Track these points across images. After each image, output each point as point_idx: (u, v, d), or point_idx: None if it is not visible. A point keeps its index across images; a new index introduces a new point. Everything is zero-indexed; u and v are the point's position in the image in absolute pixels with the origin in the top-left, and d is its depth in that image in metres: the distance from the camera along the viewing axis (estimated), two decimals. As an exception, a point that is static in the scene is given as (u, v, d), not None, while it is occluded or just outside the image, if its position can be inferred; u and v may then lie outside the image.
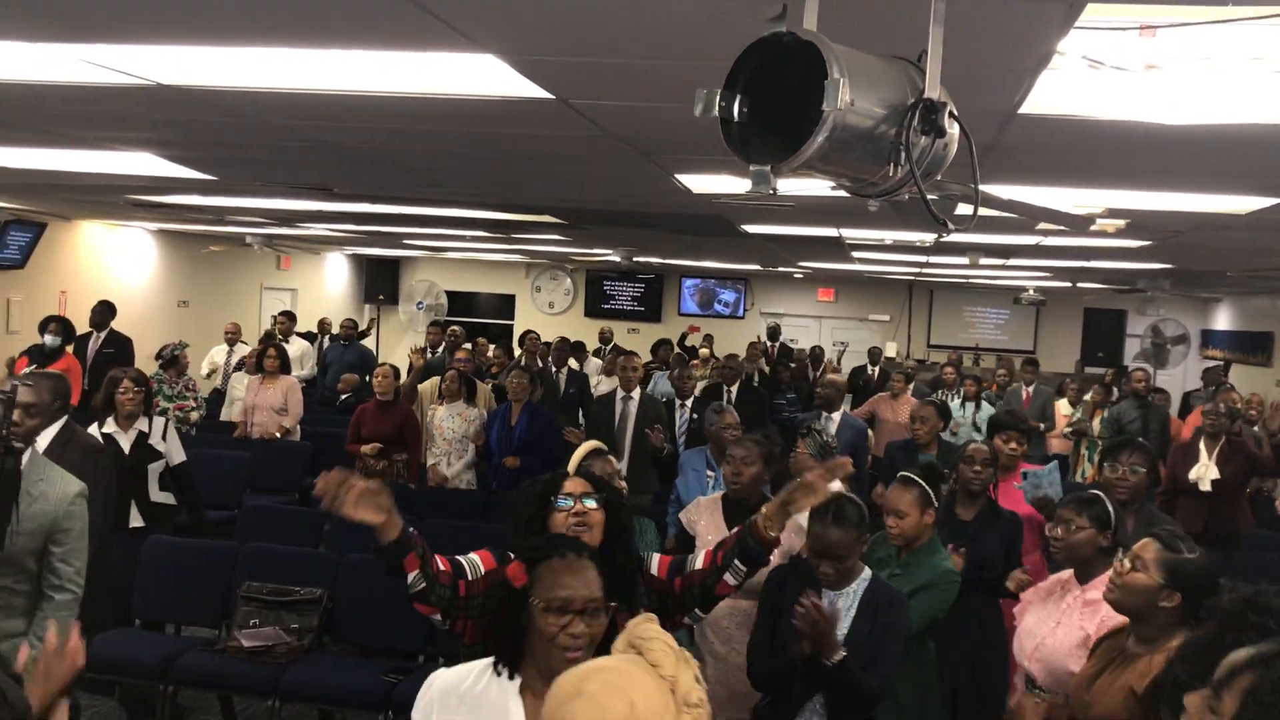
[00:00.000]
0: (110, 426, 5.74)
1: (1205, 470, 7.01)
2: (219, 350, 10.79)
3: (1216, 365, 13.44)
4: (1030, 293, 13.76)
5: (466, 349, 11.48)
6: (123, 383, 5.78)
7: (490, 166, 5.75)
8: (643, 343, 15.02)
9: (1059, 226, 5.76)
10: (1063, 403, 10.75)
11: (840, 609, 3.35)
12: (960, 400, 9.95)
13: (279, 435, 8.58)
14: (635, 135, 4.48)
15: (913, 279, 15.76)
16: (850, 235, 8.73)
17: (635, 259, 14.30)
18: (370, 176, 6.43)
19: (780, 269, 15.69)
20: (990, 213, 2.29)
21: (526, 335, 12.60)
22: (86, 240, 12.12)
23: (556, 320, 18.13)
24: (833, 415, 7.49)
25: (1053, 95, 3.17)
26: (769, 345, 14.77)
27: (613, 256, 13.91)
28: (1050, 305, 15.69)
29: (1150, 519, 4.28)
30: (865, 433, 7.84)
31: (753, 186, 1.98)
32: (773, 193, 1.97)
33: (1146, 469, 4.50)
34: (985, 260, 9.73)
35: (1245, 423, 8.49)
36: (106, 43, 3.24)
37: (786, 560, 3.65)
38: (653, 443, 6.93)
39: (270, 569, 5.39)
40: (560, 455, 7.25)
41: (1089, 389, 10.88)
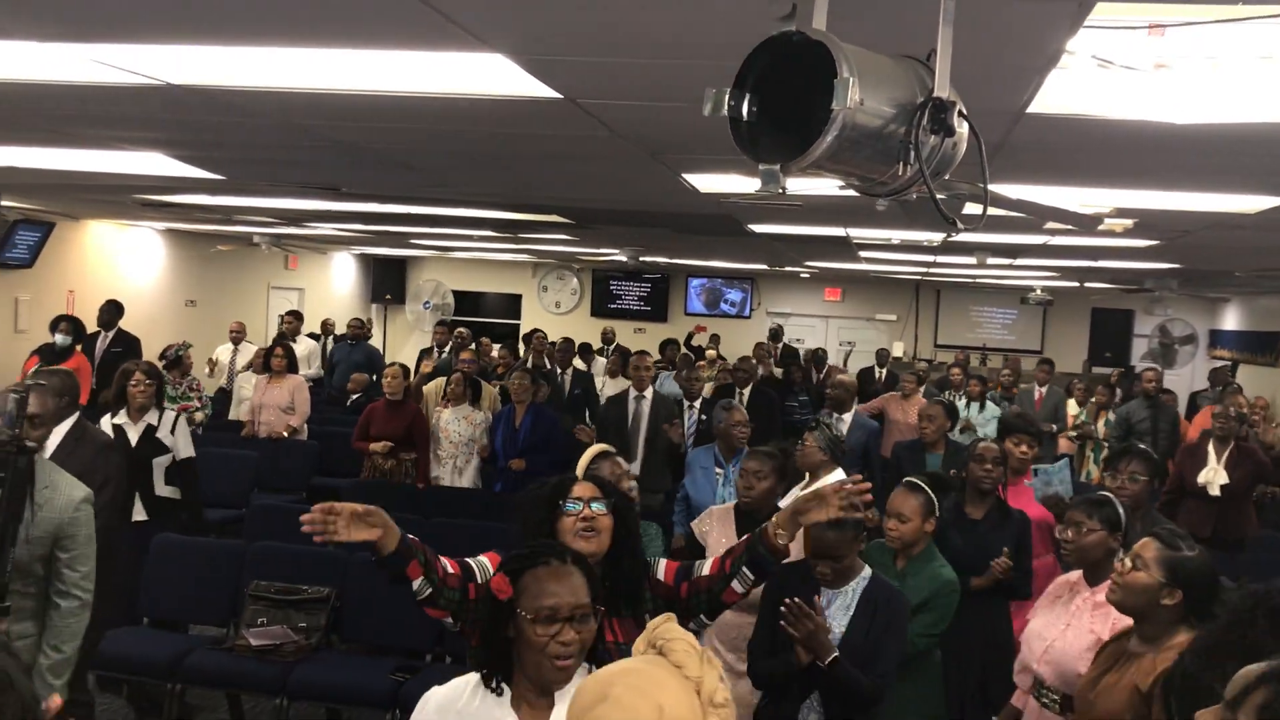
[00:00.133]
0: (121, 418, 5.80)
1: (1215, 475, 6.99)
2: (223, 349, 10.82)
3: (1224, 365, 13.41)
4: (1037, 292, 13.72)
5: (472, 350, 11.48)
6: (135, 375, 5.82)
7: (498, 166, 5.76)
8: (649, 342, 15.00)
9: (1067, 226, 5.75)
10: (1072, 403, 10.73)
11: (835, 607, 3.34)
12: (965, 401, 9.93)
13: (286, 434, 8.59)
14: (643, 135, 4.48)
15: (920, 278, 15.74)
16: (858, 235, 8.72)
17: (641, 259, 14.30)
18: (378, 176, 6.44)
19: (787, 268, 15.68)
20: (998, 212, 2.29)
21: (533, 334, 12.60)
22: (94, 240, 12.15)
23: (563, 320, 18.14)
24: (844, 416, 7.45)
25: (1061, 94, 3.17)
26: (773, 347, 14.73)
27: (619, 256, 13.91)
28: (1057, 305, 15.65)
29: (1154, 524, 4.27)
30: (878, 433, 7.78)
31: (762, 186, 1.98)
32: (782, 192, 1.97)
33: (1148, 476, 4.49)
34: (992, 260, 9.71)
35: (1248, 426, 8.46)
36: (117, 42, 3.25)
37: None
38: (671, 438, 6.93)
39: (278, 568, 5.41)
40: (567, 456, 7.27)
41: (1095, 389, 10.86)
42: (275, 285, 15.99)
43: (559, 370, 10.28)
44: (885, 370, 13.90)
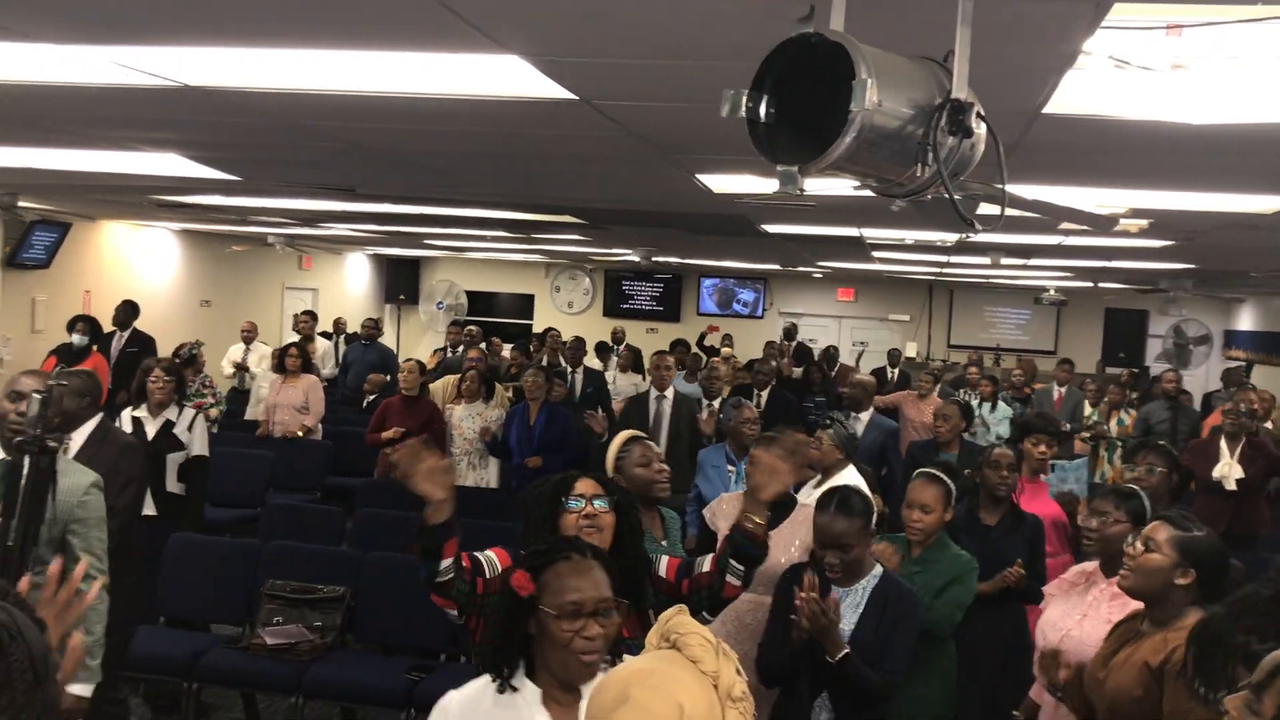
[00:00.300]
0: (140, 412, 5.87)
1: (1229, 469, 6.98)
2: (236, 349, 10.86)
3: (1238, 366, 13.33)
4: (1051, 293, 13.68)
5: (479, 348, 11.49)
6: (154, 371, 5.88)
7: (512, 167, 5.77)
8: (661, 343, 15.00)
9: (1082, 227, 5.73)
10: (1085, 404, 10.69)
11: (845, 605, 3.33)
12: (977, 400, 9.90)
13: (301, 434, 8.62)
14: (658, 135, 4.48)
15: (933, 279, 15.70)
16: (871, 235, 8.71)
17: (654, 259, 14.30)
18: (393, 177, 6.46)
19: (800, 269, 15.66)
20: (1012, 212, 2.29)
21: (548, 333, 12.62)
22: (110, 240, 12.21)
23: (575, 320, 18.15)
24: (860, 415, 7.40)
25: (1078, 95, 3.16)
26: (786, 345, 14.71)
27: (632, 256, 13.91)
28: (1071, 305, 15.59)
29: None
30: (895, 433, 7.67)
31: (780, 187, 1.99)
32: (800, 193, 1.97)
33: (1166, 469, 4.49)
34: (1006, 260, 9.69)
35: (1258, 421, 8.42)
36: (135, 45, 3.27)
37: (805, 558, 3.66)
38: (704, 430, 6.95)
39: (293, 567, 5.43)
40: (581, 453, 7.28)
41: (1107, 389, 10.81)
42: (290, 285, 16.05)
43: (570, 369, 10.29)
44: (897, 370, 13.87)
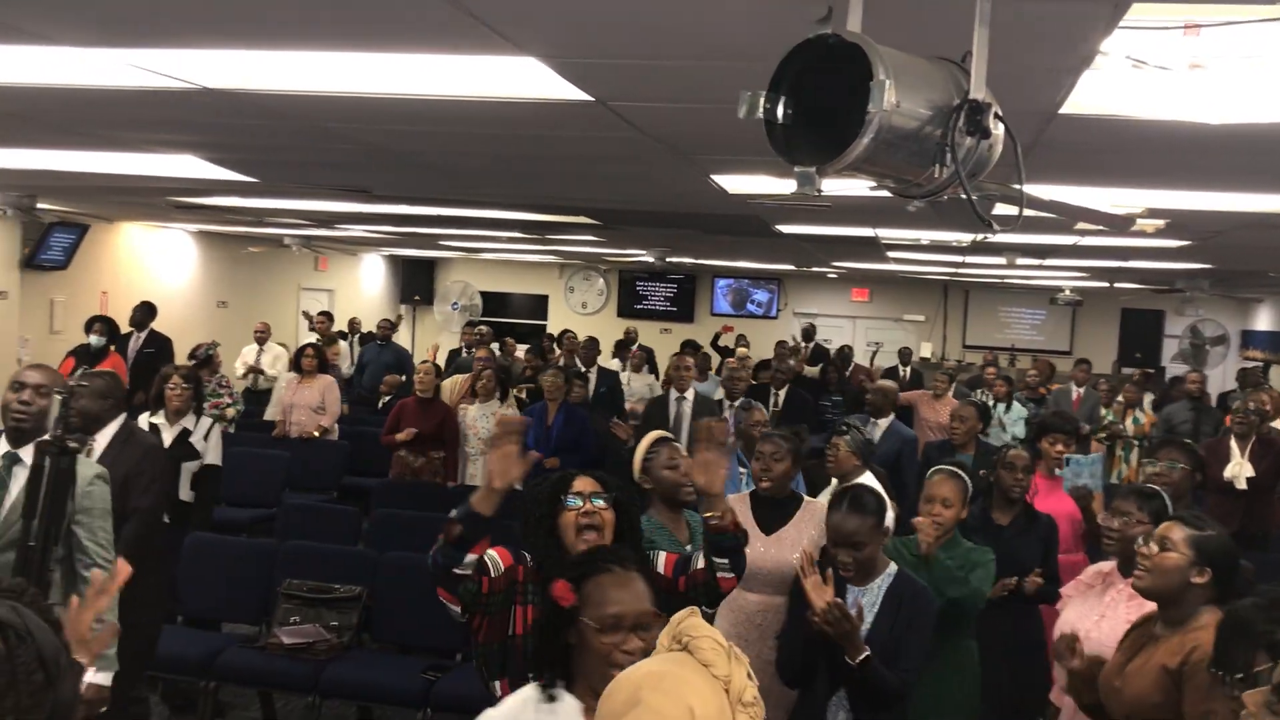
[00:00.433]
0: (158, 418, 5.86)
1: (1240, 468, 6.96)
2: (249, 350, 10.90)
3: (1255, 366, 13.25)
4: (1067, 293, 13.62)
5: (487, 348, 11.50)
6: (172, 379, 5.89)
7: (528, 168, 5.78)
8: (675, 343, 15.03)
9: (1098, 226, 5.71)
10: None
11: (864, 605, 3.33)
12: (992, 400, 9.87)
13: (317, 434, 8.64)
14: (674, 137, 4.49)
15: (948, 279, 15.65)
16: (886, 235, 8.69)
17: (668, 259, 14.29)
18: (409, 178, 6.48)
19: (814, 269, 15.63)
20: (1029, 213, 2.29)
21: (564, 334, 12.63)
22: (128, 241, 12.28)
23: (589, 320, 18.16)
24: (879, 422, 7.20)
25: (1095, 95, 3.15)
26: (803, 346, 14.66)
27: (646, 257, 13.91)
28: (1087, 305, 15.52)
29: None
30: (914, 443, 7.43)
31: (798, 188, 1.99)
32: (817, 194, 1.98)
33: (1189, 466, 4.48)
34: (1022, 260, 9.66)
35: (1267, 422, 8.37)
36: (154, 47, 3.29)
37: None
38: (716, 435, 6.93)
39: (310, 567, 5.45)
40: (598, 455, 7.28)
41: (1121, 389, 10.76)
42: (305, 286, 16.11)
43: (583, 368, 10.30)
44: (909, 369, 13.83)
